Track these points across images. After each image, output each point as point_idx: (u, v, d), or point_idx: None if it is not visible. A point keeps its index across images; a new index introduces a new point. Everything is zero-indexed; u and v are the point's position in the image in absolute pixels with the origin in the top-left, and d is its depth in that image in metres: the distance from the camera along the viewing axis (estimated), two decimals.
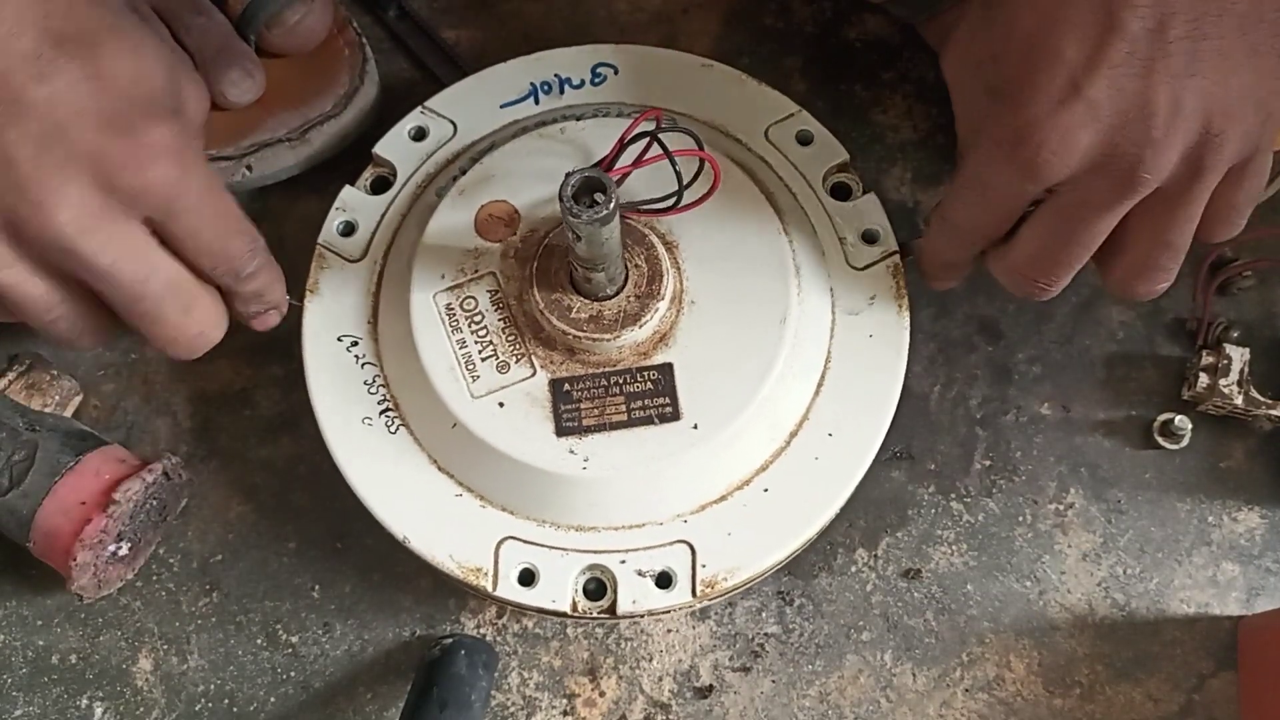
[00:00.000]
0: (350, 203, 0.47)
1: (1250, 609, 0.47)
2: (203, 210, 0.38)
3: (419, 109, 0.49)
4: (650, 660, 0.47)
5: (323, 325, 0.45)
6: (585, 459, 0.41)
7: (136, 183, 0.36)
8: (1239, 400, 0.48)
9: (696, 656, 0.47)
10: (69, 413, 0.49)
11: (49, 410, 0.47)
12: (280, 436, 0.50)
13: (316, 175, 0.52)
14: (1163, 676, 0.47)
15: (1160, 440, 0.49)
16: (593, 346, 0.42)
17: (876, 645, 0.47)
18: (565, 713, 0.47)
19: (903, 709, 0.46)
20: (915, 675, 0.47)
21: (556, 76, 0.49)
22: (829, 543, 0.48)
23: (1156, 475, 0.49)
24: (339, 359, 0.45)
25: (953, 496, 0.49)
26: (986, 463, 0.50)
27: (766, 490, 0.43)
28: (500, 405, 0.42)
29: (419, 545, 0.42)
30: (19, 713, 0.46)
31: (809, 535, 0.43)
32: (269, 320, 0.43)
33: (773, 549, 0.42)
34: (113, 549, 0.44)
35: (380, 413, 0.44)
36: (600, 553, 0.42)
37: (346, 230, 0.47)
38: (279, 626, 0.48)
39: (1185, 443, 0.49)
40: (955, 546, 0.48)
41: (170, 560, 0.49)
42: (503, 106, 0.49)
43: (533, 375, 0.42)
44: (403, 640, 0.48)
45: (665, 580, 0.42)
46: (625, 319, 0.42)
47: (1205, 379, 0.48)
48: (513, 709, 0.47)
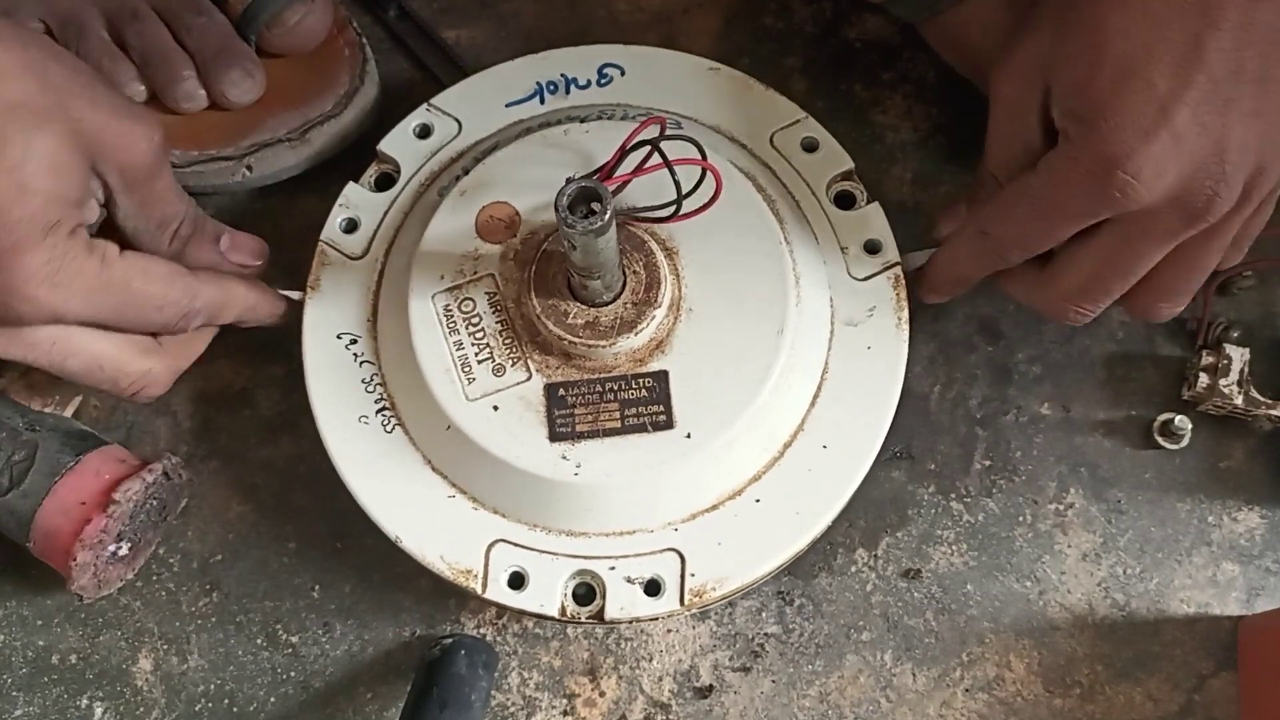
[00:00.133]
0: (354, 199, 0.47)
1: (1250, 609, 0.47)
2: (103, 306, 0.38)
3: (425, 106, 0.49)
4: (650, 660, 0.47)
5: (322, 322, 0.45)
6: (577, 465, 0.41)
7: (11, 318, 0.37)
8: (1239, 400, 0.48)
9: (696, 656, 0.47)
10: (69, 413, 0.49)
11: (49, 410, 0.47)
12: (280, 436, 0.50)
13: (317, 175, 0.52)
14: (1163, 676, 0.47)
15: (1160, 440, 0.49)
16: (588, 352, 0.42)
17: (876, 645, 0.47)
18: (565, 713, 0.47)
19: (903, 709, 0.46)
20: (915, 675, 0.47)
21: (563, 76, 0.49)
22: (829, 543, 0.48)
23: (1156, 475, 0.49)
24: (338, 356, 0.45)
25: (953, 496, 0.49)
26: (986, 463, 0.49)
27: (758, 501, 0.43)
28: (495, 408, 0.42)
29: (410, 545, 0.42)
30: (19, 713, 0.47)
31: (799, 547, 0.43)
32: (272, 321, 0.46)
33: (763, 560, 0.42)
34: (113, 549, 0.44)
35: (377, 411, 0.44)
36: (590, 558, 0.42)
37: (349, 227, 0.47)
38: (279, 626, 0.48)
39: (1185, 443, 0.49)
40: (955, 546, 0.48)
41: (170, 560, 0.49)
42: (508, 105, 0.49)
43: (528, 379, 0.42)
44: (403, 640, 0.47)
45: (654, 588, 0.42)
46: (622, 325, 0.41)
47: (1205, 379, 0.48)
48: (513, 709, 0.47)
